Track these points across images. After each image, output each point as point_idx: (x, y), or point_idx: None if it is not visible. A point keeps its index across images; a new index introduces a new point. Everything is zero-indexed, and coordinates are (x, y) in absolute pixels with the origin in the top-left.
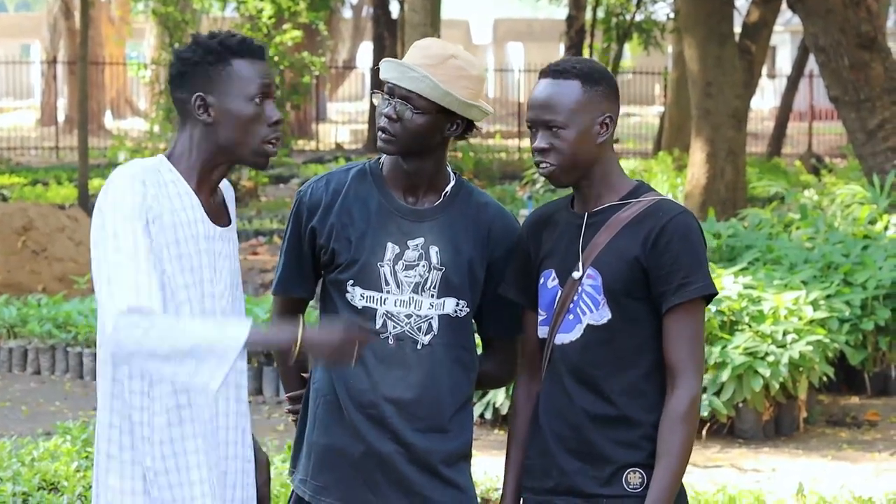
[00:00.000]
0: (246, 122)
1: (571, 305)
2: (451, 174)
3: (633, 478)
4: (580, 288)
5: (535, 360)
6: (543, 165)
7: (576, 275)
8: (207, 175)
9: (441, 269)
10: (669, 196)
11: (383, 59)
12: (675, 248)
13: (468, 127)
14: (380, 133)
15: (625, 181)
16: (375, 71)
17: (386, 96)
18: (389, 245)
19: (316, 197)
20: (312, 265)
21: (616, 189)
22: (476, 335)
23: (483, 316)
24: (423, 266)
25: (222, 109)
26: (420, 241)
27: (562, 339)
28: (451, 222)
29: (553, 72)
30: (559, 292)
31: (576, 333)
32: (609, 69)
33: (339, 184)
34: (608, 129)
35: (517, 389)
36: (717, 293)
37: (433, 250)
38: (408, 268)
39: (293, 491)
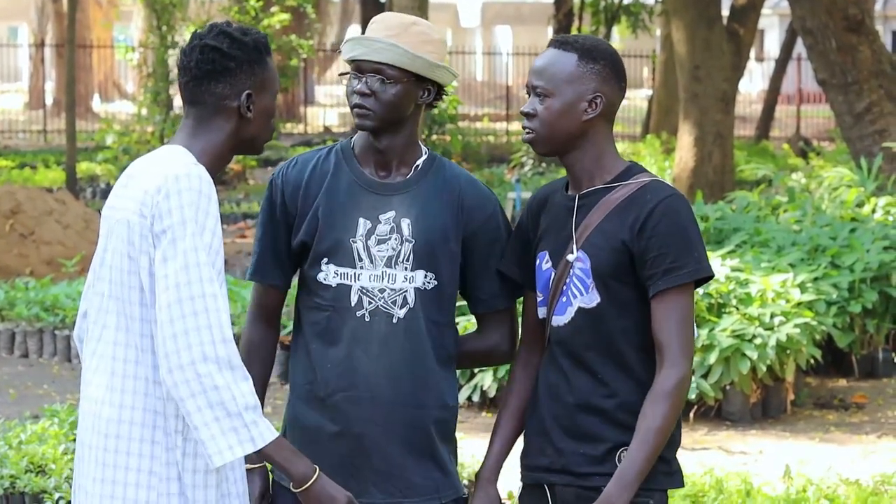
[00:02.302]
0: (271, 117)
1: (564, 288)
2: (424, 149)
3: None
4: (571, 271)
5: (534, 337)
6: (526, 130)
7: (570, 257)
8: (223, 167)
9: (412, 242)
10: (660, 179)
11: (345, 40)
12: (662, 232)
13: (438, 92)
14: (355, 110)
15: (617, 162)
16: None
17: (355, 74)
18: (361, 220)
19: (288, 180)
20: (288, 251)
21: (608, 170)
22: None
23: (470, 290)
24: (395, 239)
25: (260, 106)
26: (391, 214)
27: (556, 321)
28: (421, 195)
29: (556, 42)
30: (552, 274)
31: (568, 316)
32: None
33: (310, 165)
34: (597, 108)
35: (515, 363)
36: (711, 276)
37: (404, 223)
38: (380, 242)
39: (273, 480)
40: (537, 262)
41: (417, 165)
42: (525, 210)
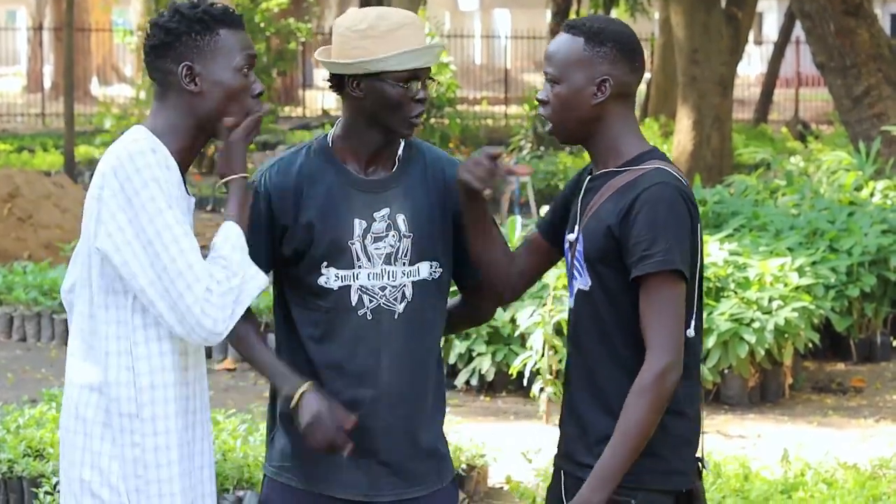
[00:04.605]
0: (232, 93)
1: (573, 270)
2: None
3: None
4: (574, 252)
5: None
6: (543, 118)
7: (570, 237)
8: (190, 148)
9: (410, 236)
10: (666, 167)
11: (412, 49)
12: (640, 220)
13: None
14: (415, 120)
15: (634, 146)
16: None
17: (409, 84)
18: (356, 221)
19: (274, 187)
20: (268, 259)
21: (622, 154)
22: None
23: (459, 266)
24: (393, 236)
25: (210, 80)
26: (385, 211)
27: (569, 303)
28: (410, 186)
29: (566, 26)
30: (569, 256)
31: (573, 299)
32: None
33: (294, 169)
34: (605, 91)
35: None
36: (675, 269)
37: (400, 218)
38: (377, 240)
39: (267, 477)
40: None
41: (399, 155)
42: (573, 179)
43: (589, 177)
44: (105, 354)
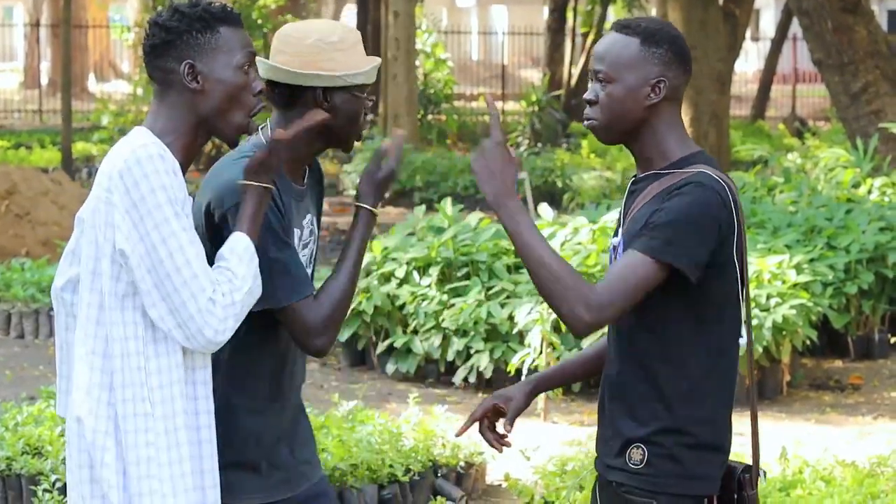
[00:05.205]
0: (234, 91)
1: None
2: None
3: (636, 454)
4: (616, 256)
5: None
6: (587, 117)
7: (614, 241)
8: (192, 148)
9: (317, 237)
10: (710, 171)
11: (370, 66)
12: (664, 206)
13: None
14: (363, 133)
15: (679, 149)
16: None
17: (367, 93)
18: (296, 230)
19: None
20: None
21: (667, 156)
22: None
23: None
24: (313, 240)
25: (212, 77)
26: (309, 217)
27: None
28: (311, 188)
29: (618, 25)
30: (611, 260)
31: None
32: (593, 31)
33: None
34: (660, 93)
35: None
36: (667, 261)
37: (314, 223)
38: (304, 246)
39: None
40: None
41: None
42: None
43: (633, 179)
44: (111, 357)
